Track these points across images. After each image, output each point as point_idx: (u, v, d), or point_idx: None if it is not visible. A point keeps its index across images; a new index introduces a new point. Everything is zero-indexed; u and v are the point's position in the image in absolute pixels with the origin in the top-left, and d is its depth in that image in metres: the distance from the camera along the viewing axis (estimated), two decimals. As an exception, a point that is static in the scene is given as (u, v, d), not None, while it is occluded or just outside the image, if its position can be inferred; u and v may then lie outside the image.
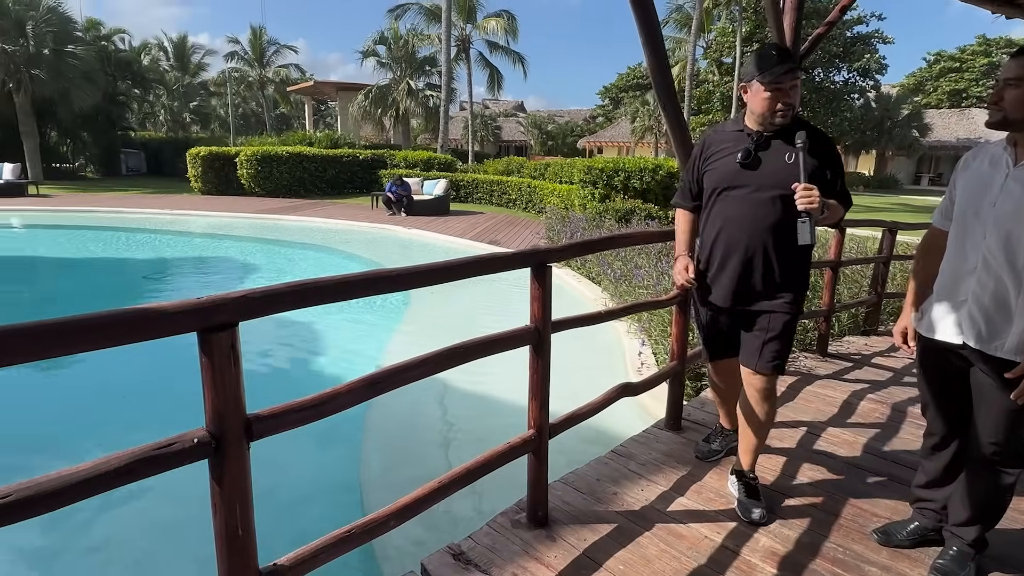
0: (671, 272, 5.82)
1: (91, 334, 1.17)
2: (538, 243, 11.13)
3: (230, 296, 1.33)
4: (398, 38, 27.71)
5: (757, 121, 2.18)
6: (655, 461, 2.84)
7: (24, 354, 1.12)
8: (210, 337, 1.30)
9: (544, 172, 17.69)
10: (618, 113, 53.58)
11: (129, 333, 1.21)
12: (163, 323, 1.24)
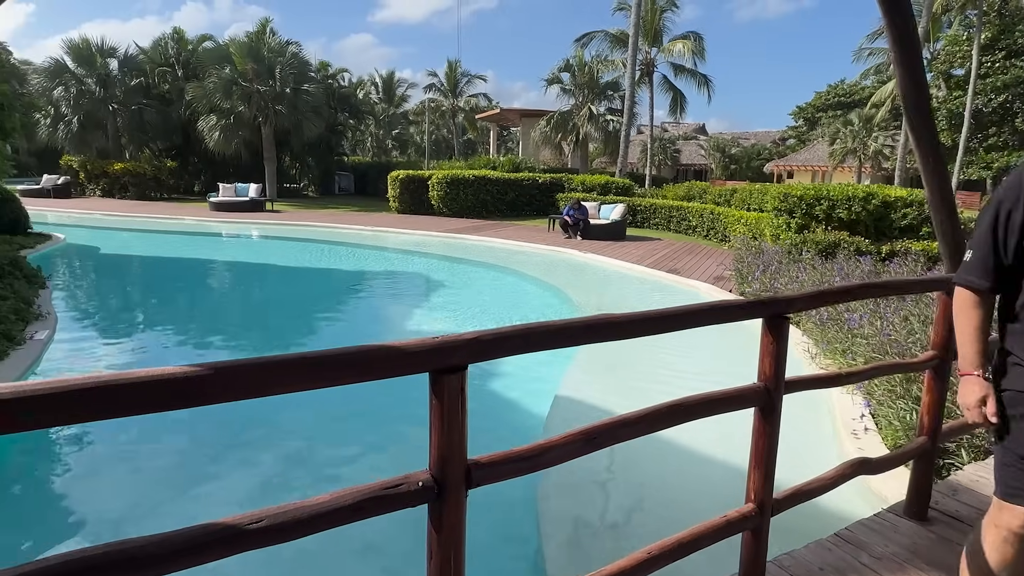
0: (895, 319, 4.95)
1: (339, 369, 1.18)
2: (724, 274, 10.40)
3: (463, 338, 1.28)
4: (582, 65, 28.28)
5: None
6: (895, 557, 2.33)
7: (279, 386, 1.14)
8: (442, 379, 1.26)
9: (730, 198, 16.64)
10: (813, 135, 49.21)
11: (370, 371, 1.20)
12: (402, 362, 1.22)
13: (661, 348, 6.70)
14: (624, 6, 27.63)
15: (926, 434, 2.51)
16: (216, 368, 1.03)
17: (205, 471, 4.06)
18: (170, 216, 18.91)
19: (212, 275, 12.30)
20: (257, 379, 1.08)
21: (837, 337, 5.38)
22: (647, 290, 9.72)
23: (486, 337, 1.30)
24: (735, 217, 14.35)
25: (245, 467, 4.16)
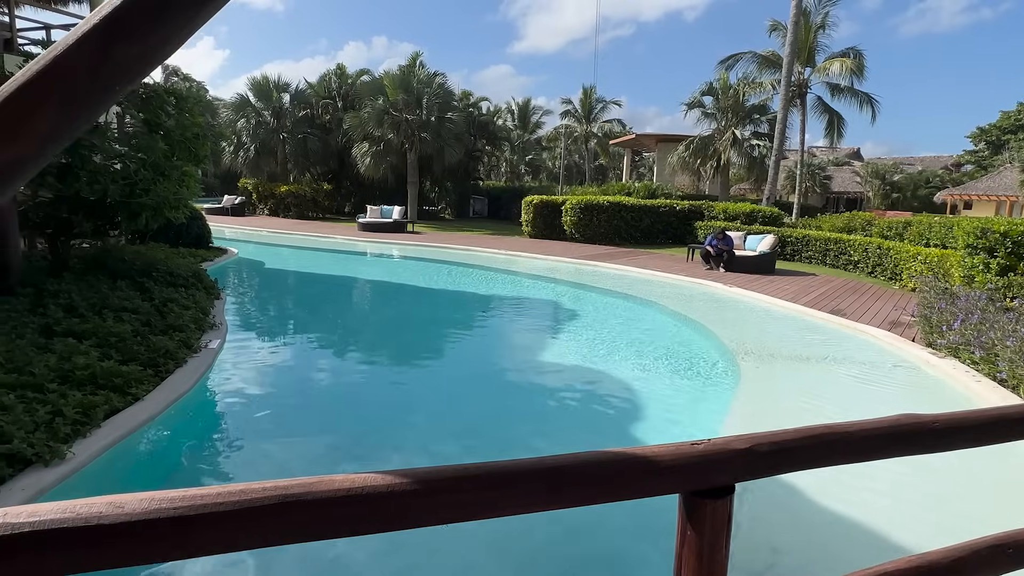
0: None
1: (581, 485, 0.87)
2: (902, 320, 9.05)
3: (731, 447, 0.92)
4: (727, 88, 26.96)
5: None
6: None
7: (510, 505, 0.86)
8: (703, 504, 0.91)
9: (902, 232, 14.73)
10: (999, 160, 43.10)
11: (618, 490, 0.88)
12: (650, 478, 0.89)
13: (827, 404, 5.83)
14: (777, 26, 26.04)
15: None
16: (417, 478, 0.77)
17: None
18: (324, 234, 20.54)
19: (357, 291, 13.01)
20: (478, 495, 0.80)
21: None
22: (807, 333, 8.68)
23: (762, 446, 0.93)
24: (910, 253, 12.59)
25: None
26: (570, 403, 6.10)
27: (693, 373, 7.07)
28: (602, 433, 5.30)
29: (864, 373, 6.86)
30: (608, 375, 6.84)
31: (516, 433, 5.28)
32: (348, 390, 6.32)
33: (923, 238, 13.56)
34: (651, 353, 7.93)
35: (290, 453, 4.68)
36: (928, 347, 7.38)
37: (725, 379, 6.69)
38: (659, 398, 6.15)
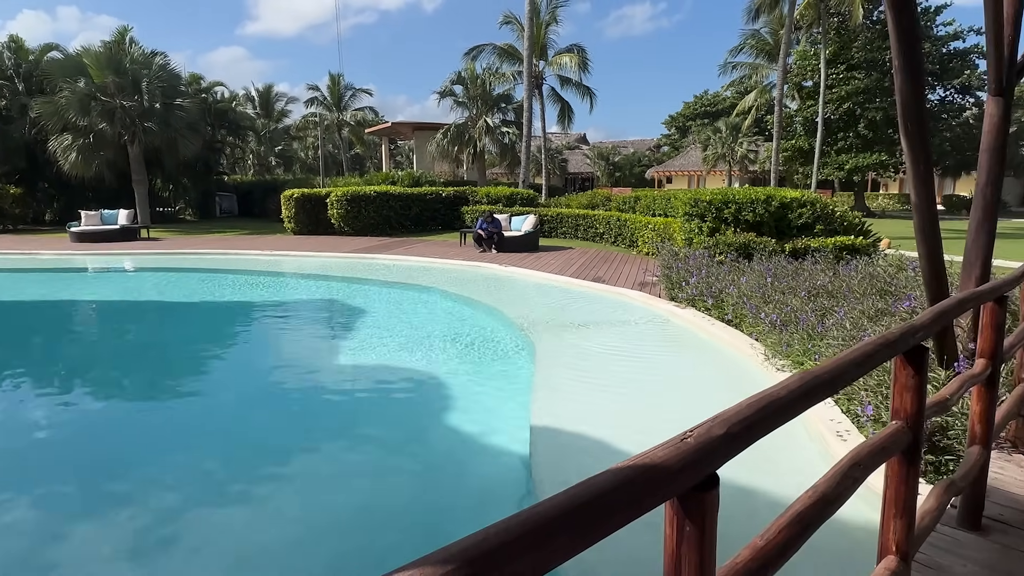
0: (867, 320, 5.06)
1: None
2: (647, 280, 10.60)
3: (712, 434, 0.93)
4: (475, 78, 28.26)
5: None
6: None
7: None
8: (702, 497, 0.91)
9: (634, 205, 17.21)
10: (685, 142, 52.82)
11: (609, 518, 0.81)
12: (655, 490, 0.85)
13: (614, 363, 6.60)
14: (510, 19, 28.03)
15: (980, 443, 2.48)
16: None
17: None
18: (20, 251, 16.30)
19: (81, 317, 10.65)
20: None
21: (794, 339, 5.52)
22: (580, 301, 9.66)
23: (735, 428, 0.97)
24: (643, 223, 14.82)
25: None
26: (376, 406, 5.86)
27: (491, 351, 7.36)
28: (413, 430, 5.20)
29: (633, 327, 7.90)
30: (409, 368, 6.74)
31: (316, 449, 4.89)
32: (74, 437, 5.15)
33: (650, 209, 16.05)
34: (447, 338, 8.03)
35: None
36: (671, 300, 8.79)
37: (521, 353, 7.09)
38: (465, 382, 6.27)
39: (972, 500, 2.55)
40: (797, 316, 5.84)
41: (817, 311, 5.94)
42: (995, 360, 2.44)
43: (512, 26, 28.14)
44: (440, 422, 5.29)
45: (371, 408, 5.81)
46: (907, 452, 1.68)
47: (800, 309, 6.08)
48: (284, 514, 3.83)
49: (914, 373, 1.67)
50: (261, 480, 4.31)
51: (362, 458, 4.69)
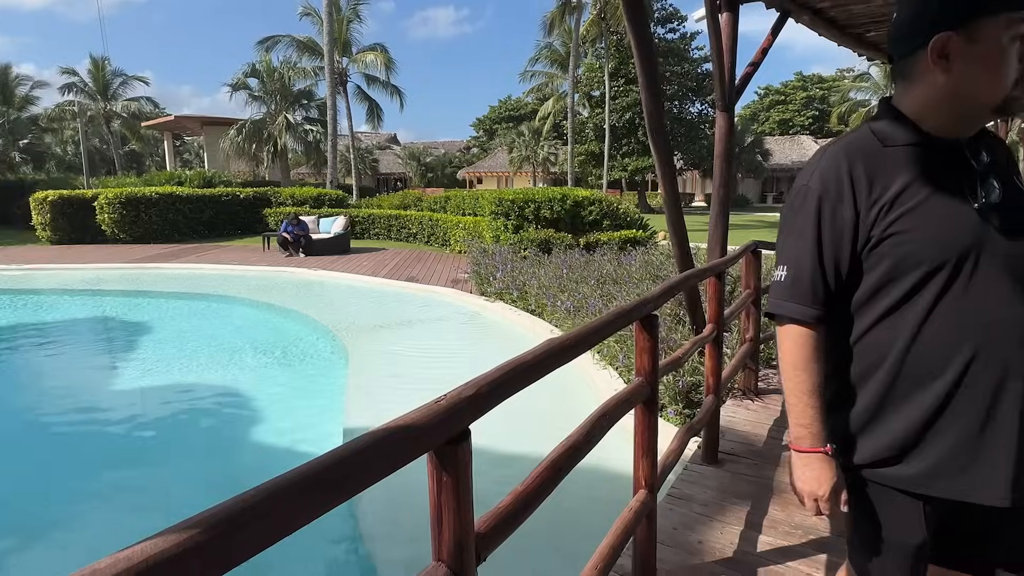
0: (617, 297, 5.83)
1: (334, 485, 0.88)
2: (459, 277, 10.95)
3: (463, 395, 1.09)
4: (271, 71, 26.45)
5: (959, 113, 1.09)
6: (716, 501, 2.81)
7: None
8: (454, 451, 1.05)
9: (445, 205, 17.58)
10: (493, 144, 55.15)
11: (369, 471, 0.91)
12: (413, 445, 0.98)
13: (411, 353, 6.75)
14: (309, 12, 26.71)
15: (712, 393, 3.07)
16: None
17: None
18: None
19: None
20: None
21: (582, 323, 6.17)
22: (394, 301, 9.66)
23: (484, 388, 1.14)
24: (454, 222, 15.23)
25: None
26: (172, 430, 5.31)
27: (302, 359, 7.06)
28: (217, 450, 4.84)
29: (446, 324, 8.13)
30: (209, 385, 6.19)
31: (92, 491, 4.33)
32: None
33: (460, 209, 16.53)
34: (253, 349, 7.50)
35: None
36: (482, 295, 9.22)
37: (335, 357, 6.91)
38: (274, 393, 5.94)
39: (710, 440, 3.15)
40: (587, 302, 6.53)
41: (604, 296, 6.71)
42: (719, 324, 3.04)
43: (312, 19, 26.80)
44: (248, 437, 4.97)
45: (166, 433, 5.23)
46: (647, 403, 2.05)
47: (590, 295, 6.81)
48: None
49: (648, 337, 2.04)
50: (23, 534, 3.66)
51: (157, 486, 4.23)
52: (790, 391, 1.19)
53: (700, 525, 2.61)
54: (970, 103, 1.06)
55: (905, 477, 1.14)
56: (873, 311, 1.13)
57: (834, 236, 1.12)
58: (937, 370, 1.09)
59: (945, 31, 1.02)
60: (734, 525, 2.60)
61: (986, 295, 1.06)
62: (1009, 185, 1.09)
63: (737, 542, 2.48)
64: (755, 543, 2.47)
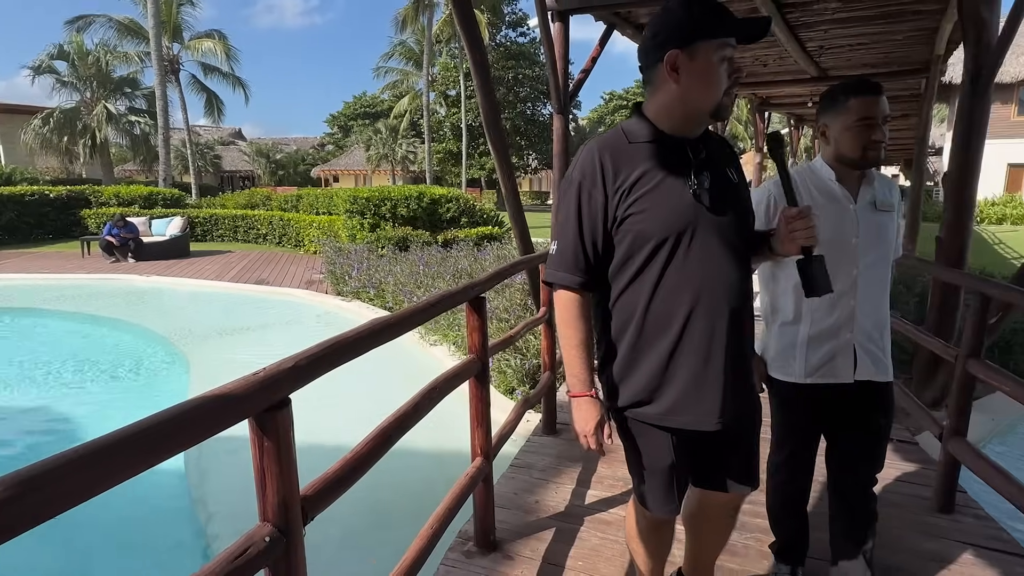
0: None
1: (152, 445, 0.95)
2: (315, 278, 10.58)
3: (283, 367, 1.19)
4: (84, 54, 23.37)
5: (687, 116, 1.35)
6: (553, 466, 3.10)
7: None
8: (274, 416, 1.15)
9: (297, 204, 16.79)
10: (349, 141, 53.32)
11: (190, 435, 0.99)
12: (229, 411, 1.06)
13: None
14: (129, -10, 23.97)
15: (548, 369, 3.37)
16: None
17: None
18: None
19: None
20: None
21: (443, 317, 6.32)
22: (242, 305, 9.11)
23: (303, 361, 1.24)
24: (307, 222, 14.63)
25: None
26: None
27: (135, 372, 6.45)
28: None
29: (300, 326, 7.85)
30: (28, 408, 5.47)
31: None
32: None
33: (314, 208, 15.90)
34: (76, 365, 6.69)
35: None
36: (338, 295, 9.03)
37: (173, 368, 6.41)
38: (102, 412, 5.39)
39: (548, 413, 3.46)
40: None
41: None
42: (550, 306, 3.35)
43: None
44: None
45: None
46: (479, 377, 2.25)
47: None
48: None
49: (478, 317, 2.25)
50: None
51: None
52: (564, 346, 1.43)
53: (538, 488, 2.88)
54: (693, 107, 1.33)
55: (653, 414, 1.42)
56: (623, 278, 1.38)
57: (591, 216, 1.35)
58: (668, 325, 1.36)
59: (674, 48, 1.29)
60: (568, 485, 2.91)
61: (700, 261, 1.34)
62: (719, 175, 1.40)
63: (569, 498, 2.78)
64: (584, 497, 2.79)
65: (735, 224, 1.40)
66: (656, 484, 1.49)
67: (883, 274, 1.86)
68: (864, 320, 1.83)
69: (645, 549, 1.68)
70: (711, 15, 1.28)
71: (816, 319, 1.84)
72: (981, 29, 3.76)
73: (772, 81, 9.39)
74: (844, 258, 1.80)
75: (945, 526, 2.50)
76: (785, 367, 1.90)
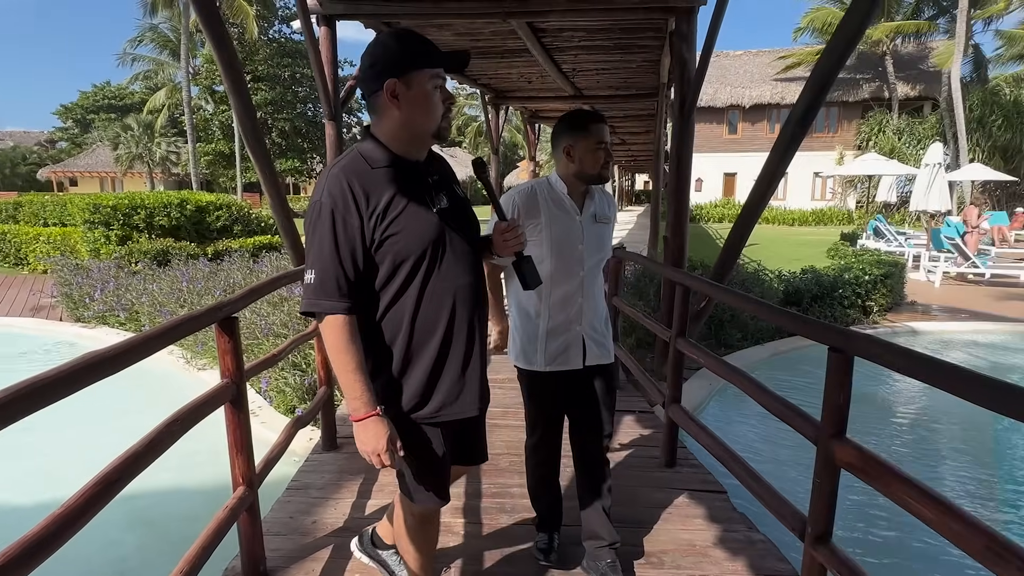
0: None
1: None
2: (43, 303, 8.80)
3: None
4: None
5: (412, 139, 1.48)
6: (334, 482, 3.03)
7: None
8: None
9: (15, 213, 13.81)
10: (90, 138, 45.37)
11: None
12: None
13: None
14: None
15: (324, 384, 3.29)
16: None
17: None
18: None
19: None
20: None
21: (208, 337, 5.73)
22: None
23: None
24: (32, 235, 12.10)
25: None
26: None
27: None
28: None
29: (28, 362, 6.47)
30: None
31: None
32: None
33: (39, 218, 13.22)
34: None
35: None
36: (78, 322, 7.65)
37: None
38: None
39: (327, 429, 3.37)
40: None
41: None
42: (324, 320, 3.27)
43: None
44: None
45: None
46: (234, 402, 2.11)
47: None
48: None
49: (229, 339, 2.10)
50: None
51: None
52: (341, 371, 1.43)
53: (316, 508, 2.79)
54: (418, 131, 1.46)
55: (427, 414, 1.55)
56: (388, 294, 1.46)
57: (348, 241, 1.38)
58: (434, 329, 1.50)
59: (392, 78, 1.40)
60: (348, 499, 2.86)
61: (451, 272, 1.50)
62: (451, 194, 1.57)
63: (349, 512, 2.75)
64: (364, 509, 2.78)
65: (471, 234, 1.59)
66: (431, 478, 1.62)
67: (601, 275, 2.20)
68: (589, 314, 2.14)
69: (416, 546, 1.77)
70: (421, 47, 1.42)
71: (553, 315, 2.11)
72: (683, 66, 4.58)
73: (538, 96, 10.29)
74: (573, 262, 2.09)
75: (669, 477, 3.02)
76: (529, 358, 2.14)
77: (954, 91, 21.34)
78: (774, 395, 2.12)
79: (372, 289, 1.45)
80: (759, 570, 2.30)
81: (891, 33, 24.94)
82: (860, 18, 2.56)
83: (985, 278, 11.48)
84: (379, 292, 1.46)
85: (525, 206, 2.05)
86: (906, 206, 20.30)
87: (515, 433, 3.57)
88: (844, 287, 7.43)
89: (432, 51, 1.43)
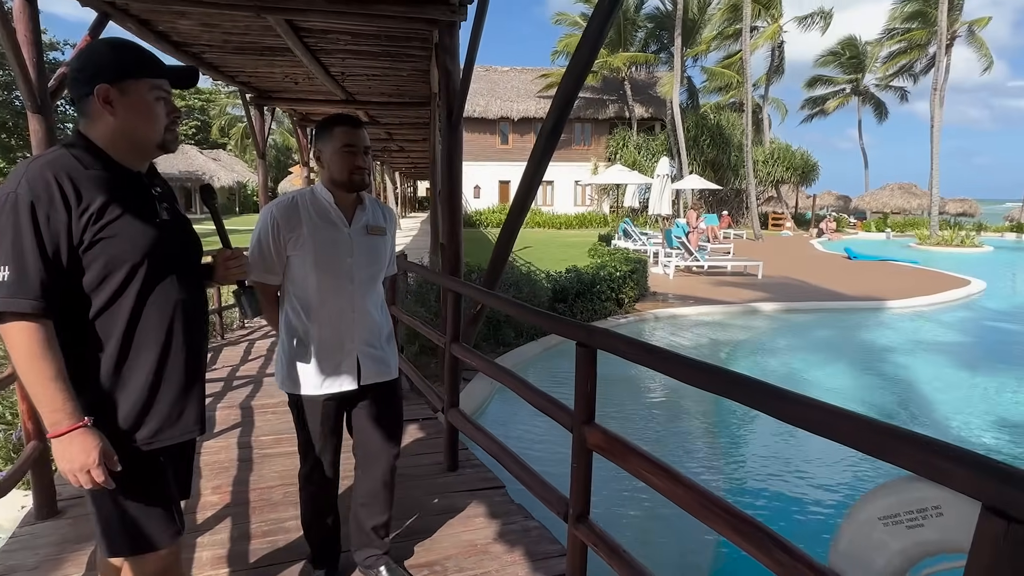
0: None
1: None
2: None
3: None
4: None
5: (133, 148, 1.40)
6: (51, 559, 2.46)
7: None
8: None
9: None
10: None
11: None
12: None
13: None
14: None
15: (35, 438, 2.67)
16: None
17: None
18: None
19: None
20: None
21: None
22: None
23: None
24: None
25: None
26: None
27: None
28: None
29: None
30: None
31: None
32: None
33: None
34: None
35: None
36: None
37: None
38: None
39: (42, 492, 2.73)
40: None
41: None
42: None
43: None
44: None
45: None
46: None
47: None
48: None
49: None
50: None
51: None
52: (35, 382, 1.22)
53: (26, 594, 2.24)
54: (138, 139, 1.40)
55: (143, 438, 1.39)
56: (100, 298, 1.33)
57: (52, 237, 1.25)
58: (148, 345, 1.38)
59: (104, 83, 1.32)
60: (76, 574, 2.36)
61: (172, 286, 1.43)
62: (173, 208, 1.49)
63: (75, 590, 2.26)
64: (97, 581, 2.31)
65: (193, 252, 1.54)
66: (159, 512, 1.42)
67: (378, 289, 2.12)
68: (363, 331, 2.04)
69: None
70: (139, 57, 1.38)
71: (321, 333, 1.98)
72: (448, 77, 4.71)
73: (307, 99, 9.76)
74: (341, 276, 1.98)
75: (452, 481, 3.07)
76: (297, 382, 1.98)
77: (675, 115, 25.74)
78: (535, 389, 2.27)
79: (77, 292, 1.31)
80: (534, 555, 2.44)
81: (627, 62, 29.10)
82: (590, 46, 2.89)
83: (704, 269, 13.97)
84: (91, 293, 1.32)
85: (284, 218, 1.92)
86: (647, 210, 23.81)
87: (290, 461, 3.31)
88: (601, 283, 8.39)
89: (152, 62, 1.39)
